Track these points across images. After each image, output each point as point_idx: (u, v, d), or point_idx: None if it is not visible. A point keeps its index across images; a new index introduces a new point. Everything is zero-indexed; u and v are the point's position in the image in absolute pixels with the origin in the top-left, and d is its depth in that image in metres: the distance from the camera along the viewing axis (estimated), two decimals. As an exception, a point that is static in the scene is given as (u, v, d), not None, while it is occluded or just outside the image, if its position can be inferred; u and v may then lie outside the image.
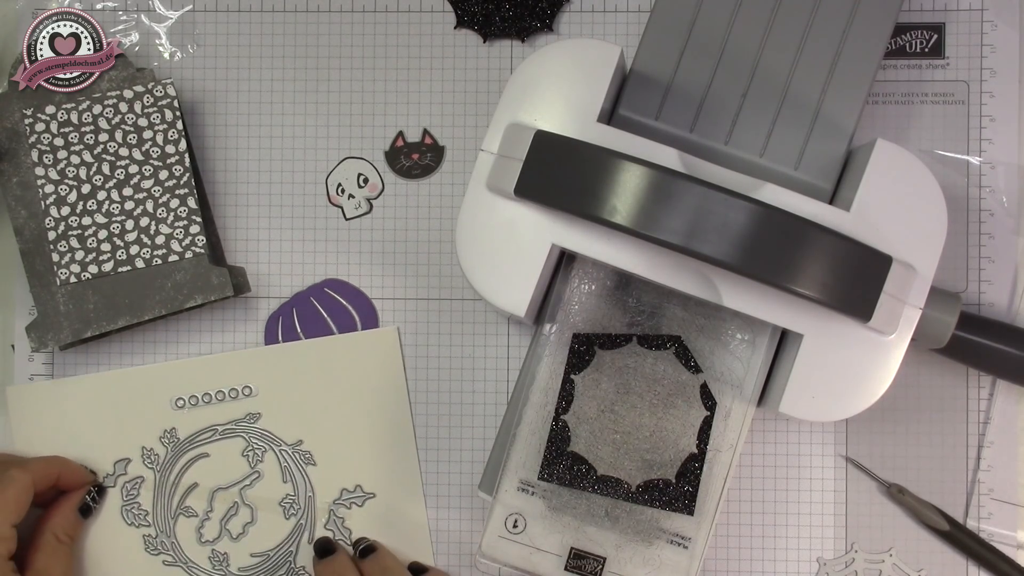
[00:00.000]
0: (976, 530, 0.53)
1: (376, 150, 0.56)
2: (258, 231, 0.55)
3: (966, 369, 0.53)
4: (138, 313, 0.52)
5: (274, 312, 0.55)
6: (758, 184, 0.46)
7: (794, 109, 0.49)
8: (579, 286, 0.50)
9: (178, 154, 0.53)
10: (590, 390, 0.50)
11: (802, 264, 0.43)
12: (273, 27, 0.56)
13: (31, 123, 0.53)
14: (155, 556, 0.54)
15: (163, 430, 0.54)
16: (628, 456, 0.49)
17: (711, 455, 0.49)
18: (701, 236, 0.42)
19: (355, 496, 0.54)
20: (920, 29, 0.54)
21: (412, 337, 0.55)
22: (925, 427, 0.54)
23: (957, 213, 0.54)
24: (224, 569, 0.54)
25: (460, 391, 0.55)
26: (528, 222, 0.47)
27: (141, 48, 0.56)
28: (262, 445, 0.54)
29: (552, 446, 0.49)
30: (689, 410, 0.49)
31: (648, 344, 0.50)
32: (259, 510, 0.54)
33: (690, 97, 0.49)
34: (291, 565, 0.54)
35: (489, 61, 0.55)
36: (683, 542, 0.49)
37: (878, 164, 0.46)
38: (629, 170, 0.43)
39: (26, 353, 0.55)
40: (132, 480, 0.54)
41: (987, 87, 0.54)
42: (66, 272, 0.52)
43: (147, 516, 0.54)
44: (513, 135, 0.47)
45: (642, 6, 0.55)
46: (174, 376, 0.55)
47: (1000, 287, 0.54)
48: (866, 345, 0.46)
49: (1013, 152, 0.54)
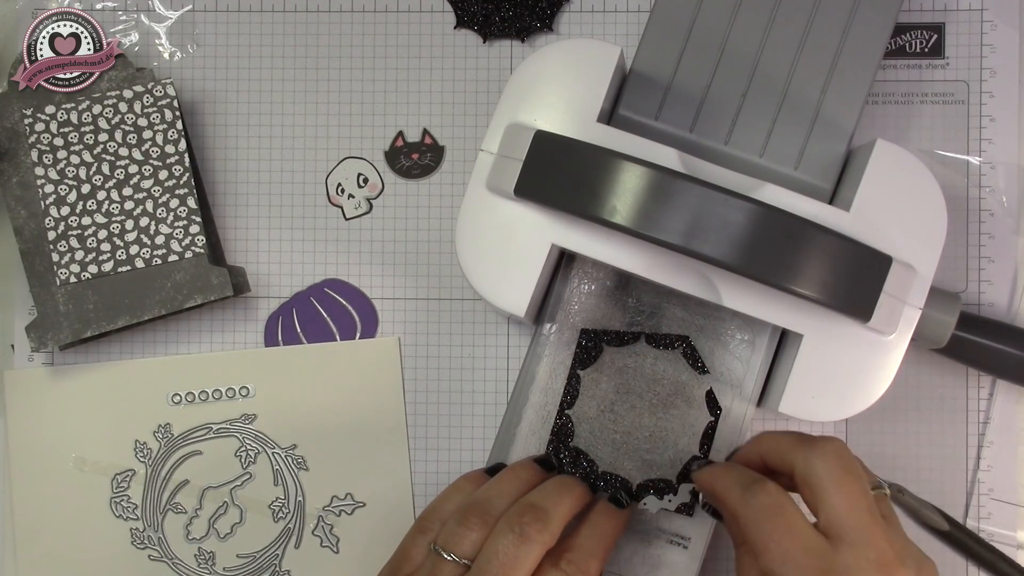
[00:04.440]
0: (976, 530, 0.53)
1: (376, 150, 0.56)
2: (258, 231, 0.55)
3: (966, 369, 0.53)
4: (138, 313, 0.52)
5: (274, 312, 0.55)
6: (758, 184, 0.46)
7: (794, 109, 0.49)
8: (579, 286, 0.50)
9: (178, 154, 0.53)
10: (590, 390, 0.50)
11: (802, 264, 0.43)
12: (273, 27, 0.56)
13: (31, 123, 0.53)
14: (141, 550, 0.54)
15: (157, 425, 0.54)
16: (628, 456, 0.49)
17: (711, 455, 0.49)
18: (701, 236, 0.42)
19: (345, 504, 0.54)
20: (920, 29, 0.54)
21: (412, 337, 0.55)
22: (925, 427, 0.54)
23: (957, 213, 0.54)
24: (209, 568, 0.54)
25: (460, 391, 0.55)
26: (528, 222, 0.47)
27: (141, 48, 0.56)
28: (256, 447, 0.54)
29: (555, 440, 0.49)
30: (689, 411, 0.49)
31: (656, 343, 0.50)
32: (248, 511, 0.54)
33: (690, 97, 0.49)
34: (276, 568, 0.54)
35: (489, 61, 0.55)
36: (683, 542, 0.49)
37: (878, 164, 0.46)
38: (629, 170, 0.43)
39: (26, 353, 0.55)
40: (123, 473, 0.54)
41: (987, 87, 0.54)
42: (66, 272, 0.52)
43: (136, 510, 0.54)
44: (513, 135, 0.47)
45: (642, 6, 0.55)
46: (172, 372, 0.55)
47: (1000, 287, 0.54)
48: (866, 345, 0.46)
49: (1013, 152, 0.54)
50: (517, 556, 0.41)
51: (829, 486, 0.40)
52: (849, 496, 0.40)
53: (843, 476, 0.40)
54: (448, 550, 0.43)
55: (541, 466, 0.48)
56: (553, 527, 0.43)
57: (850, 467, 0.41)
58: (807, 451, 0.42)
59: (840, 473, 0.41)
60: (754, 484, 0.41)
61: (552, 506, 0.43)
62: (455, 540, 0.43)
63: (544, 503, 0.43)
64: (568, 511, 0.44)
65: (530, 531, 0.42)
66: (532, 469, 0.47)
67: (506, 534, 0.42)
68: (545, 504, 0.43)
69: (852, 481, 0.40)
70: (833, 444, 0.42)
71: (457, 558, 0.42)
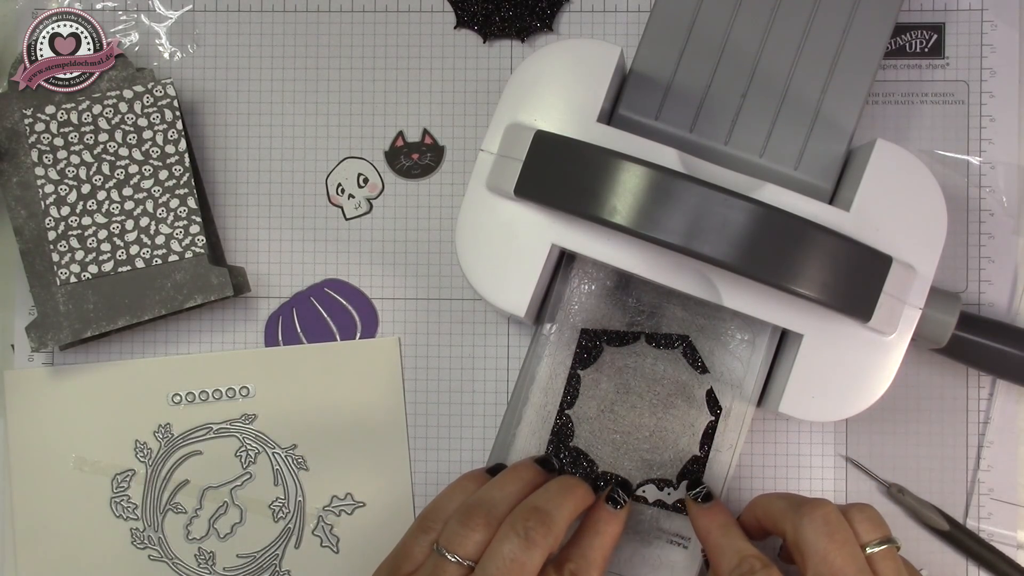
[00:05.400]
0: (976, 530, 0.53)
1: (376, 150, 0.56)
2: (258, 231, 0.55)
3: (966, 369, 0.53)
4: (138, 313, 0.52)
5: (274, 312, 0.55)
6: (758, 184, 0.46)
7: (794, 109, 0.49)
8: (579, 286, 0.50)
9: (178, 154, 0.53)
10: (590, 390, 0.50)
11: (802, 264, 0.43)
12: (273, 27, 0.56)
13: (31, 123, 0.53)
14: (141, 550, 0.54)
15: (158, 425, 0.54)
16: (628, 456, 0.49)
17: (711, 455, 0.49)
18: (701, 236, 0.42)
19: (345, 504, 0.54)
20: (920, 29, 0.54)
21: (412, 337, 0.55)
22: (925, 427, 0.54)
23: (957, 213, 0.54)
24: (209, 568, 0.54)
25: (460, 391, 0.55)
26: (528, 222, 0.47)
27: (141, 48, 0.56)
28: (256, 447, 0.54)
29: (555, 440, 0.49)
30: (689, 410, 0.49)
31: (656, 343, 0.50)
32: (248, 511, 0.54)
33: (690, 97, 0.49)
34: (276, 568, 0.54)
35: (489, 61, 0.55)
36: (683, 542, 0.49)
37: (878, 164, 0.46)
38: (629, 170, 0.43)
39: (26, 353, 0.55)
40: (123, 473, 0.54)
41: (987, 87, 0.54)
42: (66, 272, 0.52)
43: (136, 510, 0.54)
44: (513, 135, 0.47)
45: (642, 6, 0.55)
46: (172, 371, 0.55)
47: (1000, 287, 0.54)
48: (866, 345, 0.46)
49: (1013, 152, 0.54)
50: (522, 560, 0.41)
51: (815, 553, 0.41)
52: (833, 565, 0.41)
53: (829, 543, 0.41)
54: (451, 551, 0.43)
55: (541, 467, 0.48)
56: (557, 530, 0.43)
57: (836, 533, 0.42)
58: (796, 518, 0.43)
59: (826, 540, 0.42)
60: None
61: (555, 509, 0.43)
62: (458, 541, 0.43)
63: (547, 506, 0.43)
64: (571, 513, 0.44)
65: (535, 535, 0.42)
66: (534, 470, 0.47)
67: (511, 538, 0.42)
68: (548, 507, 0.43)
69: (838, 548, 0.41)
70: (822, 510, 0.43)
71: (460, 559, 0.42)
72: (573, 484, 0.46)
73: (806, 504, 0.43)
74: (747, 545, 0.44)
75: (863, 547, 0.42)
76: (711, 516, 0.46)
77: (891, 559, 0.43)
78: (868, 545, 0.43)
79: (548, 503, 0.44)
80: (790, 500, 0.45)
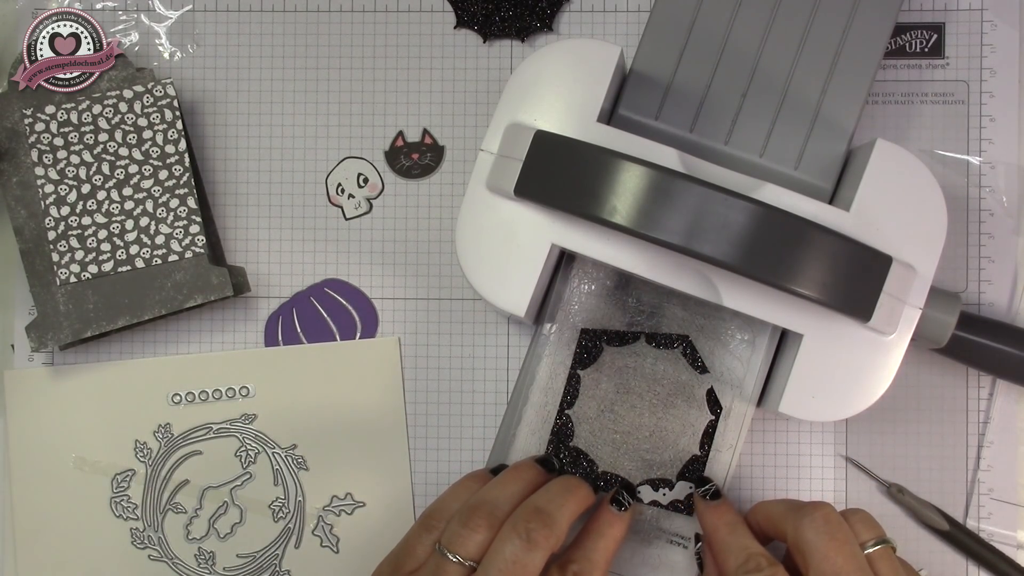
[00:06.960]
0: (976, 530, 0.53)
1: (376, 150, 0.56)
2: (258, 231, 0.55)
3: (966, 369, 0.53)
4: (138, 313, 0.52)
5: (274, 312, 0.55)
6: (758, 184, 0.46)
7: (794, 109, 0.49)
8: (579, 286, 0.50)
9: (178, 154, 0.53)
10: (590, 390, 0.50)
11: (802, 264, 0.43)
12: (273, 27, 0.56)
13: (31, 123, 0.53)
14: (141, 550, 0.54)
15: (158, 424, 0.54)
16: (628, 456, 0.49)
17: (711, 455, 0.49)
18: (701, 236, 0.42)
19: (345, 504, 0.54)
20: (920, 29, 0.54)
21: (412, 337, 0.55)
22: (925, 427, 0.54)
23: (957, 213, 0.54)
24: (209, 567, 0.54)
25: (460, 391, 0.55)
26: (528, 222, 0.47)
27: (141, 48, 0.56)
28: (256, 446, 0.54)
29: (555, 440, 0.49)
30: (689, 410, 0.49)
31: (656, 343, 0.50)
32: (248, 511, 0.54)
33: (690, 97, 0.49)
34: (276, 568, 0.54)
35: (489, 61, 0.55)
36: (683, 542, 0.49)
37: (878, 164, 0.46)
38: (629, 170, 0.43)
39: (26, 353, 0.55)
40: (123, 472, 0.54)
41: (987, 87, 0.54)
42: (66, 272, 0.52)
43: (136, 510, 0.54)
44: (513, 135, 0.47)
45: (642, 6, 0.55)
46: (172, 371, 0.55)
47: (1000, 287, 0.54)
48: (866, 345, 0.46)
49: (1013, 152, 0.54)
50: (524, 562, 0.41)
51: (816, 552, 0.42)
52: (834, 563, 0.41)
53: (829, 542, 0.42)
54: (453, 551, 0.43)
55: (542, 466, 0.48)
56: (558, 531, 0.43)
57: (837, 532, 0.42)
58: (796, 519, 0.43)
59: (827, 539, 0.42)
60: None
61: (557, 510, 0.43)
62: (460, 541, 0.43)
63: (549, 507, 0.43)
64: (573, 514, 0.44)
65: (536, 536, 0.42)
66: (535, 470, 0.47)
67: (513, 539, 0.42)
68: (550, 508, 0.43)
69: (838, 547, 0.42)
70: (822, 511, 0.43)
71: (462, 559, 0.42)
72: (574, 484, 0.46)
73: (806, 505, 0.44)
74: (754, 543, 0.44)
75: (861, 546, 0.43)
76: (719, 514, 0.46)
77: (888, 558, 0.43)
78: (865, 545, 0.43)
79: (550, 504, 0.44)
80: (789, 503, 0.45)
